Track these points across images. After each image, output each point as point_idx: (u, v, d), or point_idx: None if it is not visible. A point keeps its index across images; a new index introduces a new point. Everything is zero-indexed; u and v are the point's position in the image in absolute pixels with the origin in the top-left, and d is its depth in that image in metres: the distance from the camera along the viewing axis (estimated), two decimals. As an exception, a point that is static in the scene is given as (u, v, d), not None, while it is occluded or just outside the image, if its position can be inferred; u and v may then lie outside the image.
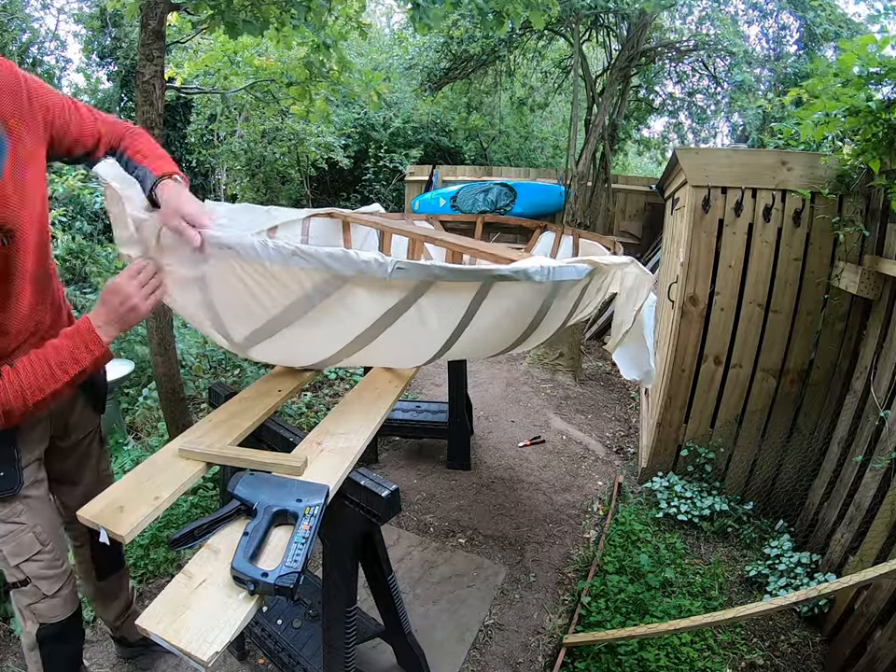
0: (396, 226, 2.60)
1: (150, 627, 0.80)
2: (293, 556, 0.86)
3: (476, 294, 1.21)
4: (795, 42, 5.28)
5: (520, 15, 2.60)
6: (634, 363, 1.86)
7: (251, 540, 0.89)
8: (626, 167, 9.88)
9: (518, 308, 1.38)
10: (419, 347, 1.38)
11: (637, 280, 1.65)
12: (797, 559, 2.23)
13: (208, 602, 0.83)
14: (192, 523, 0.95)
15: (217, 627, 0.79)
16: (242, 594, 0.84)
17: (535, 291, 1.35)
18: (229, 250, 1.02)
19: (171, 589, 0.86)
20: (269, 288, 1.07)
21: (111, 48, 7.42)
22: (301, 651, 1.62)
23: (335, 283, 1.06)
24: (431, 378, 4.29)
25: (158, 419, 3.08)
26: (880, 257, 2.08)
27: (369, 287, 1.09)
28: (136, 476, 1.09)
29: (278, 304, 1.10)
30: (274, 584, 0.83)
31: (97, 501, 1.02)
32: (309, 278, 1.05)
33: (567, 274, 1.37)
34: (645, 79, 6.03)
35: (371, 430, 1.28)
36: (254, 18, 2.33)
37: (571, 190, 5.26)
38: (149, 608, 0.83)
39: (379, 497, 1.14)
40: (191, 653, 0.76)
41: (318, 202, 8.00)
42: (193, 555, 0.92)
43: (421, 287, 1.12)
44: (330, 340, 1.25)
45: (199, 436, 1.21)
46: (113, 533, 0.95)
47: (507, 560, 2.39)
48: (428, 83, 6.55)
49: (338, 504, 1.17)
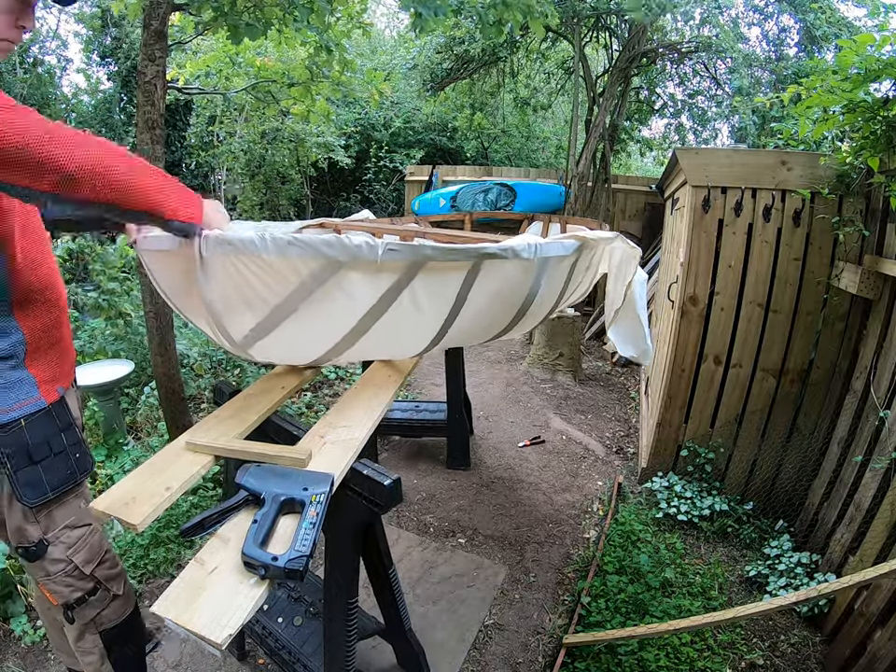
0: (386, 227, 2.64)
1: (164, 614, 0.82)
2: (301, 541, 0.89)
3: (467, 274, 1.24)
4: (796, 44, 5.28)
5: (519, 22, 2.63)
6: (629, 340, 1.89)
7: (260, 528, 0.91)
8: (628, 168, 9.89)
9: (509, 288, 1.40)
10: (416, 334, 1.40)
11: (624, 255, 1.69)
12: (797, 559, 2.23)
13: (220, 588, 0.86)
14: (202, 513, 0.97)
15: (229, 611, 0.81)
16: (253, 579, 0.86)
17: (524, 269, 1.37)
18: (228, 246, 1.03)
19: (185, 576, 0.88)
20: (267, 279, 1.09)
21: (112, 47, 7.43)
22: (301, 649, 1.63)
23: (331, 268, 1.09)
24: (431, 378, 4.29)
25: (158, 419, 3.08)
26: (880, 257, 2.08)
27: (363, 271, 1.12)
28: (145, 470, 1.10)
29: (277, 294, 1.12)
30: (284, 568, 0.85)
31: (107, 494, 1.02)
32: (306, 266, 1.08)
33: (554, 250, 1.41)
34: (646, 80, 6.04)
35: (372, 422, 1.30)
36: (256, 20, 2.33)
37: (571, 190, 5.28)
38: (164, 595, 0.85)
39: (381, 485, 1.17)
40: (206, 636, 0.78)
41: (319, 202, 8.02)
42: (204, 544, 0.94)
43: (413, 269, 1.16)
44: (329, 330, 1.26)
45: (205, 431, 1.22)
46: (126, 522, 0.96)
47: (507, 560, 2.39)
48: (431, 83, 6.56)
49: (340, 494, 1.19)
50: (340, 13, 3.10)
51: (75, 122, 7.38)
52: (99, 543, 1.23)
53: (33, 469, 1.11)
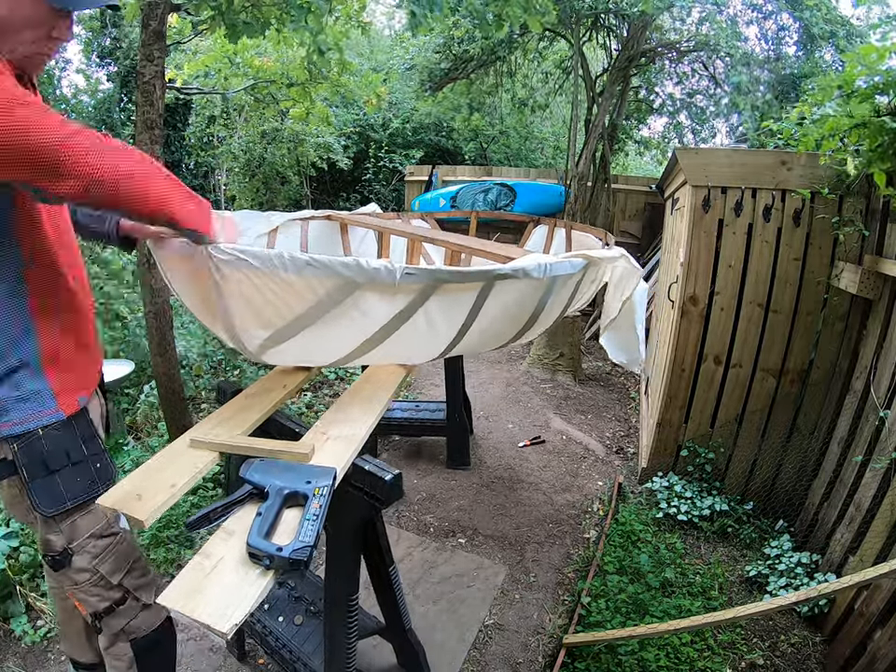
0: (393, 226, 2.63)
1: (171, 604, 0.83)
2: (305, 532, 0.91)
3: (479, 293, 1.28)
4: (795, 43, 5.28)
5: (518, 18, 2.62)
6: (621, 347, 1.96)
7: (265, 520, 0.92)
8: (627, 167, 9.89)
9: (518, 304, 1.45)
10: (427, 346, 1.44)
11: (625, 272, 1.75)
12: (797, 559, 2.23)
13: (225, 578, 0.87)
14: (207, 507, 0.98)
15: (234, 602, 0.82)
16: (257, 570, 0.87)
17: (534, 287, 1.42)
18: (245, 262, 1.05)
19: (190, 568, 0.89)
20: (284, 296, 1.12)
21: (111, 48, 7.43)
22: (301, 648, 1.63)
23: (347, 289, 1.13)
24: (430, 378, 4.29)
25: (158, 419, 3.08)
26: (880, 257, 2.08)
27: (380, 293, 1.16)
28: (149, 468, 1.10)
29: (294, 311, 1.15)
30: (289, 558, 0.86)
31: (114, 491, 1.02)
32: (322, 285, 1.11)
33: (563, 269, 1.46)
34: (645, 80, 6.04)
35: (373, 419, 1.31)
36: (254, 19, 2.33)
37: (571, 190, 5.28)
38: (169, 586, 0.85)
39: (382, 480, 1.18)
40: (211, 625, 0.79)
41: (318, 202, 8.00)
42: (210, 537, 0.95)
43: (427, 290, 1.20)
44: (345, 341, 1.29)
45: (208, 430, 1.22)
46: (133, 518, 0.96)
47: (507, 560, 2.39)
48: (429, 83, 6.55)
49: (342, 489, 1.19)
50: (339, 13, 3.10)
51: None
52: (127, 552, 1.20)
53: (50, 478, 1.09)
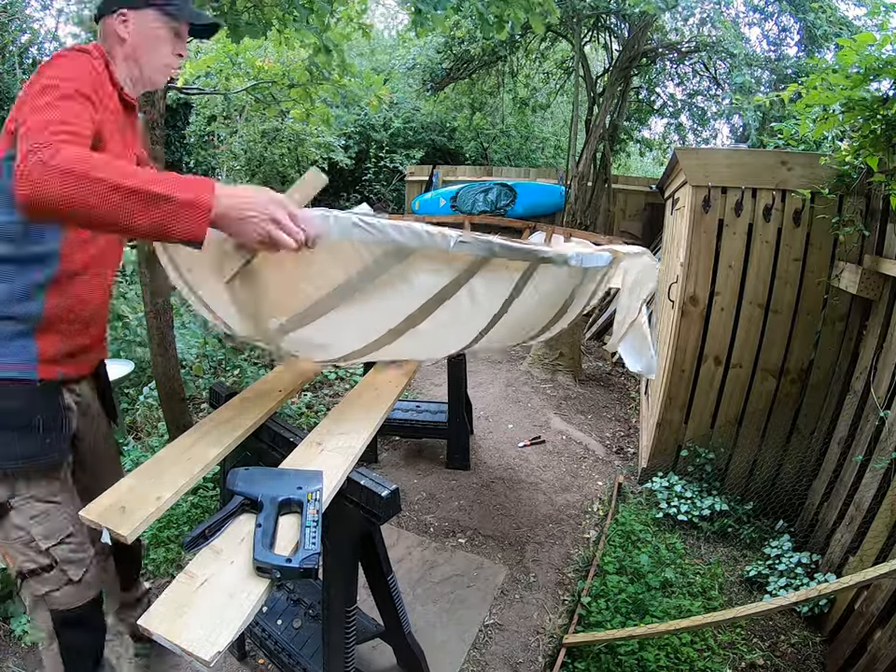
0: None
1: (153, 628, 0.80)
2: (309, 539, 0.92)
3: (522, 275, 1.24)
4: (796, 44, 5.28)
5: (520, 19, 2.61)
6: (637, 355, 1.93)
7: (265, 532, 0.92)
8: (628, 168, 9.89)
9: (550, 295, 1.45)
10: (460, 332, 1.41)
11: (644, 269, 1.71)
12: (797, 559, 2.23)
13: (210, 602, 0.83)
14: (202, 524, 0.97)
15: (218, 627, 0.79)
16: (243, 594, 0.85)
17: (569, 275, 1.41)
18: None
19: (173, 589, 0.86)
20: (324, 265, 1.04)
21: (111, 48, 7.41)
22: (301, 651, 1.62)
23: (398, 255, 1.04)
24: (431, 378, 4.29)
25: (158, 419, 3.08)
26: (880, 257, 2.08)
27: (432, 261, 1.09)
28: (139, 476, 1.10)
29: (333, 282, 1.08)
30: (300, 568, 0.88)
31: (98, 502, 1.02)
32: (369, 251, 1.02)
33: (595, 261, 1.45)
34: (646, 80, 6.04)
35: (371, 430, 1.28)
36: (256, 19, 2.33)
37: (571, 190, 5.27)
38: (152, 608, 0.83)
39: (378, 496, 1.14)
40: (193, 653, 0.75)
41: (318, 202, 8.00)
42: (195, 556, 0.92)
43: (477, 264, 1.13)
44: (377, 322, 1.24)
45: (201, 435, 1.22)
46: (115, 533, 0.96)
47: (507, 560, 2.39)
48: (431, 83, 6.56)
49: (338, 504, 1.17)
50: (340, 14, 3.10)
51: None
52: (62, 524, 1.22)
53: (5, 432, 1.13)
